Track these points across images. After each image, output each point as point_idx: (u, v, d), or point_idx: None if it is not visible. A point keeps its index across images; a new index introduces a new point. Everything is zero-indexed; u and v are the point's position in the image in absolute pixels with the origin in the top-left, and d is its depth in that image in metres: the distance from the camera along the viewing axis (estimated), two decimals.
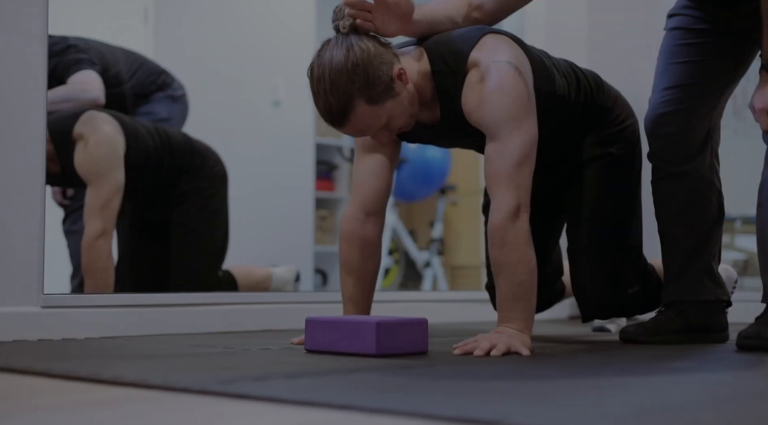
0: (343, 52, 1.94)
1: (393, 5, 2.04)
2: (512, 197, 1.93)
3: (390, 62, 1.98)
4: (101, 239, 2.87)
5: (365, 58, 1.94)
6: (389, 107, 1.97)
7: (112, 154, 2.93)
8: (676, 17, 2.32)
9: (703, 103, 2.26)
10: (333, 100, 1.93)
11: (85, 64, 3.30)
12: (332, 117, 1.96)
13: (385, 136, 2.03)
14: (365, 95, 1.93)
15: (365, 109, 1.94)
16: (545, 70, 2.14)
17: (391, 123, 2.00)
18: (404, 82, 2.00)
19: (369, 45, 1.97)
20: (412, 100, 2.04)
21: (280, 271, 3.46)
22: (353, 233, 2.19)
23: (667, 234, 2.30)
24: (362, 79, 1.92)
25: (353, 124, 1.96)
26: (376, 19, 2.02)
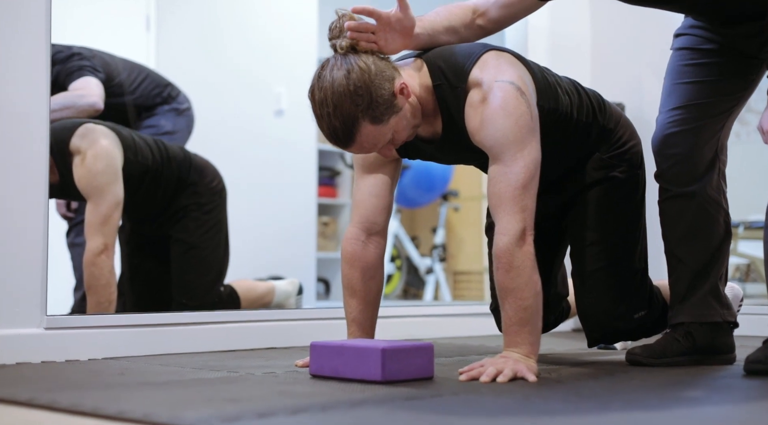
0: (343, 73, 1.93)
1: (395, 22, 2.03)
2: (517, 220, 1.92)
3: (391, 78, 1.97)
4: (102, 255, 2.85)
5: (366, 78, 1.93)
6: (393, 123, 1.97)
7: (109, 168, 2.91)
8: (682, 37, 2.30)
9: (711, 123, 2.24)
10: (337, 123, 1.92)
11: (86, 70, 3.30)
12: (337, 139, 1.95)
13: (391, 150, 2.03)
14: (369, 115, 1.92)
15: (370, 129, 1.94)
16: (548, 86, 2.12)
17: (395, 137, 2.00)
18: (406, 96, 1.99)
19: (369, 63, 1.96)
20: (415, 112, 2.03)
21: (283, 285, 3.45)
22: (355, 254, 2.17)
23: (674, 254, 2.28)
24: (365, 99, 1.91)
25: (359, 143, 1.96)
26: (380, 39, 2.01)
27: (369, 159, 2.18)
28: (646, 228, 2.33)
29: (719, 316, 2.23)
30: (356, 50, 1.98)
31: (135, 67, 3.60)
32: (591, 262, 2.27)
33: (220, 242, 3.27)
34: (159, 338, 2.49)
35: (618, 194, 2.28)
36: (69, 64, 3.30)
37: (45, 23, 2.31)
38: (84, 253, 2.89)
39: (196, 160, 3.26)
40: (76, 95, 3.22)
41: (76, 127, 2.96)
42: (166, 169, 3.12)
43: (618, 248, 2.27)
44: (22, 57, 2.28)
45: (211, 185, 3.25)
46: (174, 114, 3.59)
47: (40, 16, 2.31)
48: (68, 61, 3.30)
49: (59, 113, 3.15)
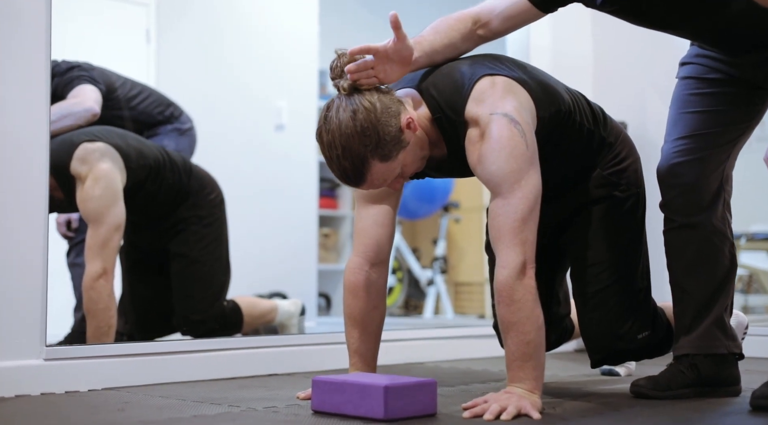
0: (349, 115, 1.93)
1: (392, 54, 2.02)
2: (517, 253, 1.90)
3: (397, 113, 1.97)
4: (101, 279, 2.84)
5: (373, 118, 1.93)
6: (402, 158, 1.98)
7: (108, 191, 2.89)
8: (688, 66, 2.28)
9: (717, 153, 2.22)
10: (348, 164, 1.93)
11: (83, 79, 3.29)
12: (348, 179, 1.97)
13: (400, 182, 2.05)
14: (378, 154, 1.93)
15: (380, 167, 1.95)
16: (546, 91, 2.09)
17: (404, 170, 2.01)
18: (413, 130, 1.99)
19: (373, 101, 1.96)
20: (422, 144, 2.03)
21: (286, 304, 3.44)
22: (358, 285, 2.16)
23: (679, 285, 2.26)
24: (373, 139, 1.92)
25: (370, 182, 1.97)
26: (379, 73, 2.00)
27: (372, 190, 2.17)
28: (647, 246, 2.32)
29: (724, 348, 2.21)
30: (359, 89, 1.98)
31: (137, 84, 3.60)
32: (593, 283, 2.26)
33: (221, 256, 3.25)
34: (159, 367, 2.48)
35: (618, 213, 2.27)
36: (67, 75, 3.30)
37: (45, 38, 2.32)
38: (83, 277, 2.87)
39: (197, 169, 3.25)
40: (72, 103, 3.22)
41: (74, 148, 2.93)
42: (168, 169, 3.11)
43: (620, 268, 2.26)
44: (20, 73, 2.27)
45: (210, 197, 3.24)
46: (177, 134, 3.58)
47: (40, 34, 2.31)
48: (66, 73, 3.31)
49: (59, 123, 3.14)
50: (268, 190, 4.69)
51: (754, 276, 6.12)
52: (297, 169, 4.71)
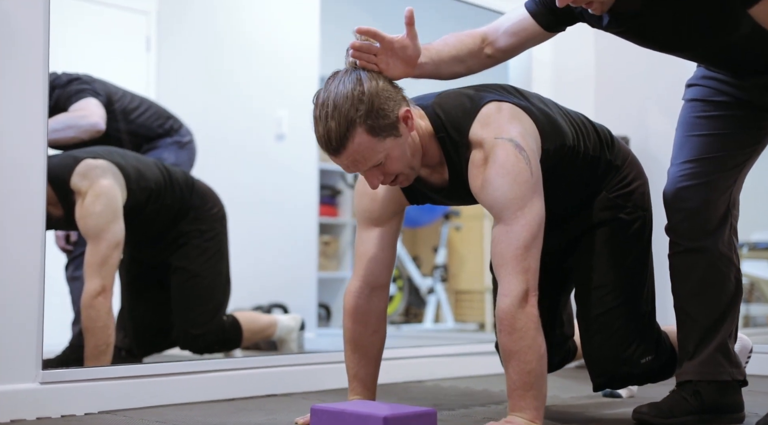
0: (352, 80, 1.91)
1: (399, 49, 1.99)
2: (520, 281, 1.88)
3: (398, 102, 1.94)
4: (100, 297, 2.81)
5: (373, 90, 1.90)
6: (389, 145, 1.92)
7: (108, 208, 2.87)
8: (694, 88, 2.26)
9: (724, 177, 2.20)
10: (333, 125, 1.87)
11: (87, 92, 3.28)
12: (330, 142, 1.89)
13: (378, 178, 1.96)
14: (367, 124, 1.88)
15: (364, 139, 1.89)
16: (552, 124, 2.08)
17: (387, 164, 1.94)
18: (409, 128, 1.95)
19: (379, 81, 1.94)
20: (414, 151, 1.98)
21: (285, 319, 3.42)
22: (358, 308, 2.14)
23: (684, 310, 2.24)
24: (366, 106, 1.88)
25: (349, 152, 1.90)
26: (381, 62, 1.98)
27: (374, 212, 2.15)
28: (653, 270, 2.30)
29: (728, 375, 2.19)
30: (366, 69, 1.96)
31: (137, 97, 3.58)
32: (597, 306, 2.23)
33: (221, 270, 3.23)
34: (156, 389, 2.45)
35: (624, 236, 2.24)
36: (68, 88, 3.28)
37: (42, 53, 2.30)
38: (82, 294, 2.85)
39: (198, 184, 3.24)
40: (77, 116, 3.20)
41: (76, 164, 2.91)
42: (169, 190, 3.09)
43: (624, 291, 2.23)
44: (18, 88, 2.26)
45: (212, 212, 3.22)
46: (176, 147, 3.56)
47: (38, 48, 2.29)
48: (68, 85, 3.29)
49: (62, 133, 3.13)
50: (268, 199, 4.67)
51: (756, 285, 6.11)
52: (297, 178, 4.69)
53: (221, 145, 4.59)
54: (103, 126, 3.22)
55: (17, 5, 2.26)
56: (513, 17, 2.17)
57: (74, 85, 3.29)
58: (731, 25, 1.98)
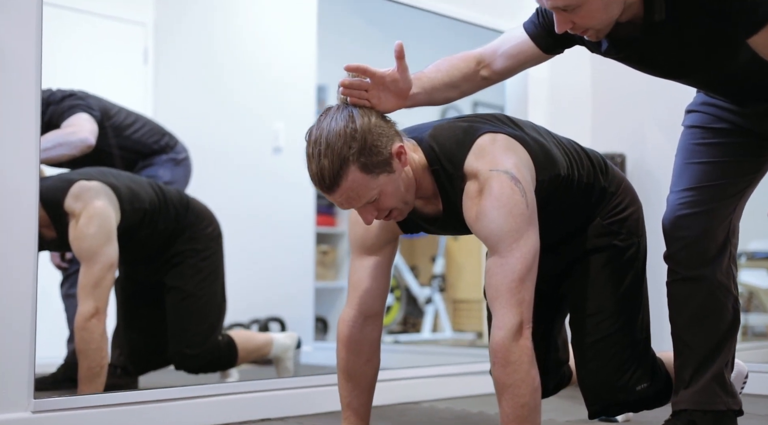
0: (344, 118, 1.90)
1: (390, 83, 1.98)
2: (514, 314, 1.87)
3: (391, 138, 1.93)
4: (94, 319, 2.81)
5: (365, 126, 1.89)
6: (383, 181, 1.91)
7: (102, 230, 2.87)
8: (694, 114, 2.25)
9: (723, 205, 2.19)
10: (326, 163, 1.86)
11: (79, 108, 3.28)
12: (323, 180, 1.89)
13: (372, 214, 1.96)
14: (360, 162, 1.87)
15: (358, 177, 1.88)
16: (546, 155, 2.07)
17: (381, 200, 1.93)
18: (403, 163, 1.94)
19: (371, 117, 1.92)
20: (408, 185, 1.97)
21: (281, 337, 3.41)
22: (351, 338, 2.14)
23: (681, 338, 2.23)
24: (359, 144, 1.87)
25: (343, 190, 1.89)
26: (372, 97, 1.96)
27: (368, 240, 2.14)
28: (647, 296, 2.29)
29: (723, 405, 2.18)
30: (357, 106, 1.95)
31: (132, 114, 3.58)
32: (591, 333, 2.22)
33: (216, 289, 3.23)
34: (150, 415, 2.45)
35: (618, 262, 2.23)
36: (62, 103, 3.29)
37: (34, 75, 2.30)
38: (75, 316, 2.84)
39: (194, 203, 3.23)
40: (67, 132, 3.20)
41: (69, 185, 2.91)
42: (163, 210, 3.09)
43: (619, 318, 2.22)
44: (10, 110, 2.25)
45: (207, 231, 3.22)
46: (172, 164, 3.55)
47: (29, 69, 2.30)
48: (62, 101, 3.30)
49: (54, 151, 3.12)
50: (264, 212, 4.66)
51: (754, 294, 6.10)
52: (294, 191, 4.68)
53: (218, 157, 4.58)
54: (93, 141, 3.21)
55: (9, 27, 2.26)
56: (511, 39, 2.16)
57: (67, 101, 3.29)
58: (730, 53, 1.98)
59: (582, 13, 1.90)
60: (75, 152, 3.18)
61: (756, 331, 6.09)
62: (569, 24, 1.93)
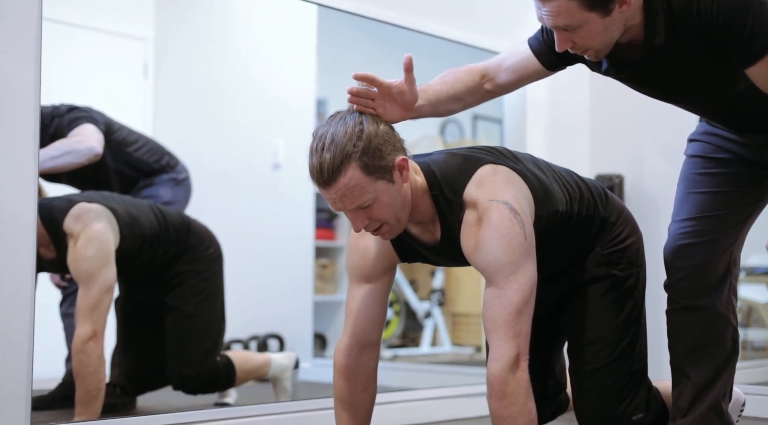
0: (353, 119, 1.91)
1: (397, 94, 1.99)
2: (511, 346, 1.88)
3: (396, 148, 1.94)
4: (91, 342, 2.81)
5: (373, 130, 1.91)
6: (380, 188, 1.91)
7: (100, 252, 2.87)
8: (695, 143, 2.26)
9: (725, 235, 2.20)
10: (328, 156, 1.87)
11: (84, 119, 3.31)
12: (321, 173, 1.88)
13: (363, 222, 1.95)
14: (362, 160, 1.87)
15: (357, 175, 1.88)
16: (546, 191, 2.08)
17: (375, 208, 1.93)
18: (403, 178, 1.95)
19: (381, 125, 1.94)
20: (404, 203, 1.97)
21: (279, 358, 3.41)
22: (349, 366, 2.14)
23: (679, 367, 2.24)
24: (364, 144, 1.88)
25: (340, 186, 1.88)
26: (378, 106, 1.98)
27: (366, 268, 2.14)
28: (645, 327, 2.29)
29: None
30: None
31: (134, 132, 3.61)
32: (589, 362, 2.23)
33: (216, 310, 3.23)
34: None
35: (617, 292, 2.24)
36: (67, 116, 3.32)
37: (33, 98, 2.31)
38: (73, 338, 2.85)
39: (195, 224, 3.24)
40: (74, 141, 3.22)
41: (70, 206, 2.92)
42: (164, 234, 3.10)
43: (617, 348, 2.23)
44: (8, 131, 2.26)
45: (208, 252, 3.22)
46: (173, 183, 3.57)
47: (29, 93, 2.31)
48: (67, 113, 3.33)
49: (61, 159, 3.15)
50: (263, 228, 4.67)
51: (754, 309, 6.10)
52: (294, 207, 4.69)
53: (217, 174, 4.59)
54: (100, 150, 3.24)
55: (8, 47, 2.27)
56: (515, 54, 2.17)
57: (72, 114, 3.33)
58: (729, 81, 1.99)
59: (582, 34, 1.92)
60: (82, 160, 3.21)
61: (756, 346, 6.09)
62: (570, 43, 1.95)
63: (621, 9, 1.90)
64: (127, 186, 3.52)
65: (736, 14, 1.85)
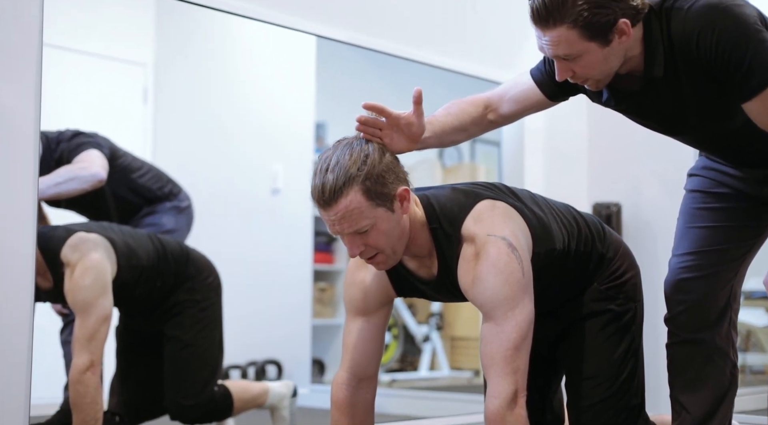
0: (360, 145, 1.94)
1: (404, 126, 2.01)
2: (509, 383, 1.89)
3: (400, 179, 1.95)
4: (88, 372, 2.80)
5: (377, 158, 1.92)
6: (380, 215, 1.92)
7: (97, 282, 2.87)
8: (695, 178, 2.27)
9: (725, 270, 2.20)
10: (331, 177, 1.88)
11: (89, 145, 3.32)
12: (323, 193, 1.89)
13: (359, 248, 1.95)
14: (365, 185, 1.89)
15: (358, 198, 1.89)
16: (543, 228, 2.09)
17: (372, 235, 1.93)
18: (404, 210, 1.96)
19: (387, 155, 1.96)
20: (402, 235, 1.98)
21: (277, 386, 3.40)
22: (345, 400, 2.14)
23: (678, 400, 2.25)
24: (368, 169, 1.90)
25: (340, 208, 1.89)
26: (385, 136, 2.00)
27: (363, 302, 2.15)
28: (643, 362, 2.29)
29: None
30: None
31: (138, 159, 3.62)
32: (587, 396, 2.23)
33: (214, 340, 3.22)
34: None
35: (615, 327, 2.24)
36: (72, 141, 3.33)
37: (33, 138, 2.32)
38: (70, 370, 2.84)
39: (194, 254, 3.23)
40: (78, 167, 3.23)
41: (68, 235, 2.92)
42: (162, 265, 3.09)
43: (615, 383, 2.23)
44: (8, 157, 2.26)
45: (207, 281, 3.22)
46: (175, 212, 3.57)
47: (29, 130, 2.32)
48: (72, 138, 3.34)
49: (65, 185, 3.16)
50: (262, 254, 4.68)
51: (752, 333, 6.10)
52: (292, 233, 4.70)
53: (216, 199, 4.59)
54: (104, 175, 3.25)
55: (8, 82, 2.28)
56: (518, 85, 2.19)
57: (78, 139, 3.34)
58: (728, 114, 2.00)
59: (582, 63, 1.94)
60: (86, 186, 3.22)
61: (754, 370, 6.09)
62: (570, 72, 1.97)
63: (620, 39, 1.92)
64: (129, 213, 3.52)
65: (735, 48, 1.86)
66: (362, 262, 2.09)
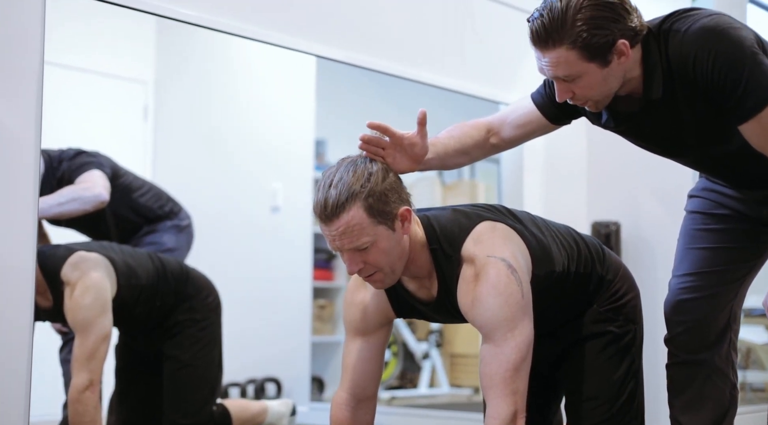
0: (364, 163, 1.94)
1: (407, 146, 2.02)
2: (508, 404, 1.89)
3: (402, 198, 1.96)
4: (87, 391, 2.80)
5: (380, 177, 1.93)
6: (380, 233, 1.92)
7: (97, 301, 2.87)
8: (695, 199, 2.27)
9: (725, 291, 2.21)
10: (334, 192, 1.90)
11: (91, 165, 3.34)
12: (325, 208, 1.90)
13: (358, 265, 1.95)
14: (367, 202, 1.90)
15: (359, 214, 1.90)
16: (543, 250, 2.09)
17: (371, 252, 1.93)
18: (404, 230, 1.96)
19: (391, 174, 1.97)
20: (401, 254, 1.98)
21: (276, 405, 3.40)
22: (345, 421, 2.14)
23: (678, 421, 2.25)
24: (371, 186, 1.91)
25: (341, 223, 1.90)
26: (388, 156, 2.00)
27: (362, 323, 2.15)
28: (643, 383, 2.29)
29: None
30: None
31: (139, 178, 3.64)
32: (587, 418, 2.22)
33: (214, 359, 3.23)
34: None
35: (615, 349, 2.23)
36: (75, 160, 3.34)
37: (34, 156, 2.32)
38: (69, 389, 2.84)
39: (193, 273, 3.24)
40: (81, 188, 3.24)
41: (68, 254, 2.93)
42: (162, 285, 3.10)
43: (614, 404, 2.22)
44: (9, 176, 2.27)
45: (207, 301, 3.22)
46: (176, 230, 3.59)
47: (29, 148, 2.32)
48: (75, 158, 3.36)
49: (67, 206, 3.16)
50: (262, 272, 4.68)
51: (752, 350, 6.09)
52: (292, 251, 4.70)
53: (216, 216, 4.60)
54: (106, 197, 3.26)
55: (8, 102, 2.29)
56: (519, 109, 2.20)
57: (80, 158, 3.36)
58: (726, 136, 2.01)
59: (582, 84, 1.95)
60: (88, 207, 3.23)
61: (754, 387, 6.07)
62: (569, 93, 1.97)
63: (620, 61, 1.93)
64: (130, 232, 3.54)
65: (731, 71, 1.87)
66: (362, 283, 2.10)
